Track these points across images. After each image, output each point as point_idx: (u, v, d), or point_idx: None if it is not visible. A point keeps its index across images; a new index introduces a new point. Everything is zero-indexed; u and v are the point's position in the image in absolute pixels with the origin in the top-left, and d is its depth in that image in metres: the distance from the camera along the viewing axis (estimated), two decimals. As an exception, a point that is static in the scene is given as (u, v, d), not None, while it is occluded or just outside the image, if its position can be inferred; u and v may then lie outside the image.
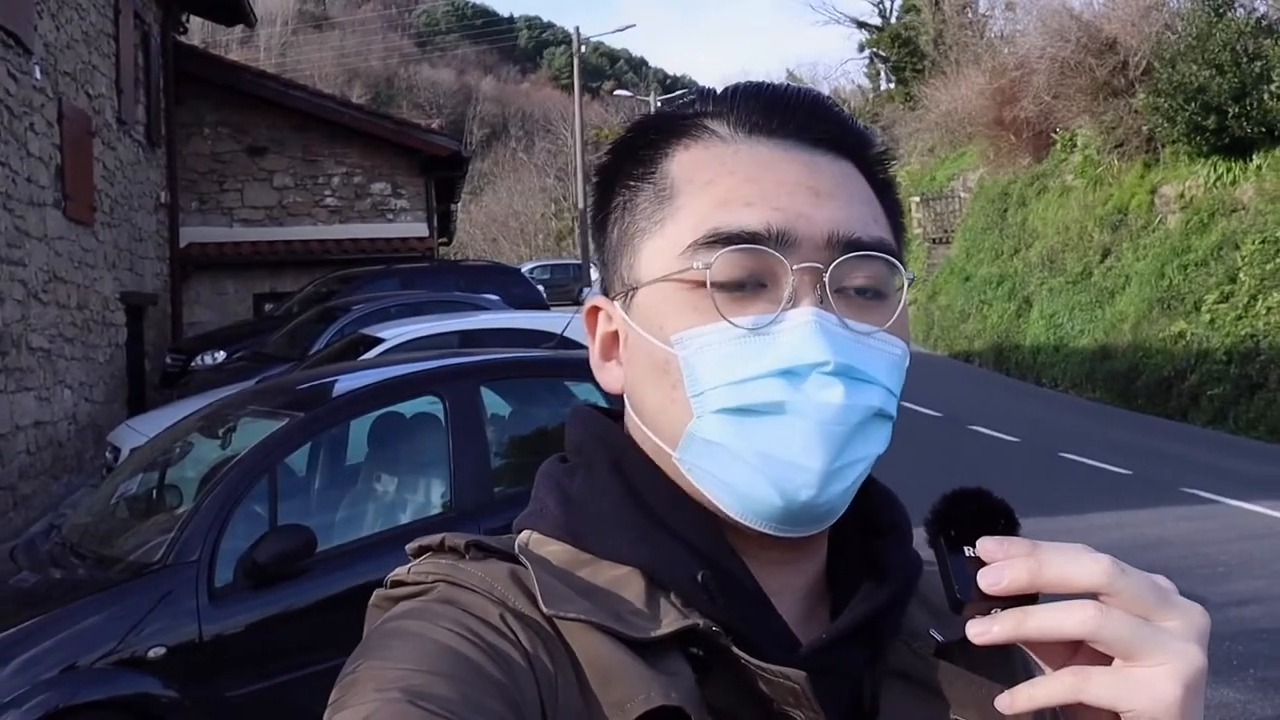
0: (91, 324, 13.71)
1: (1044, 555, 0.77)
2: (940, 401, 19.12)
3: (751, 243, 0.90)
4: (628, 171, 1.00)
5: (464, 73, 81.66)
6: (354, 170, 20.68)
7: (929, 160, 36.80)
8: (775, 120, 0.96)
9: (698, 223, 0.92)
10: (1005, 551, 0.77)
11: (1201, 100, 19.30)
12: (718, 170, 0.94)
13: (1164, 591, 0.77)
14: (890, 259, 0.94)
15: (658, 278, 0.94)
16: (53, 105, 12.37)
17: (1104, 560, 0.76)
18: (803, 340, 0.88)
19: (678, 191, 0.95)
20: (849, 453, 0.89)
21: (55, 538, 5.88)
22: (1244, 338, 17.33)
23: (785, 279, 0.90)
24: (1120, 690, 0.74)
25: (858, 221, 0.93)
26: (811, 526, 0.92)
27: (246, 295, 19.77)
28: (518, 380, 6.64)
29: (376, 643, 0.86)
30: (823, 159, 0.95)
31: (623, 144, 1.02)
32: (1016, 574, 0.76)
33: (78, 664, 4.78)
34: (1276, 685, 6.78)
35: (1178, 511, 11.34)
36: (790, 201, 0.92)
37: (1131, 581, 0.76)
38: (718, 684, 0.87)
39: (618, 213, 1.00)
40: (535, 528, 0.98)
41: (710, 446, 0.90)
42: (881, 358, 0.92)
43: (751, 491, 0.89)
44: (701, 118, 0.99)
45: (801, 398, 0.88)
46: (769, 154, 0.95)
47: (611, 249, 1.01)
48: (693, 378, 0.90)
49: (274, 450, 5.59)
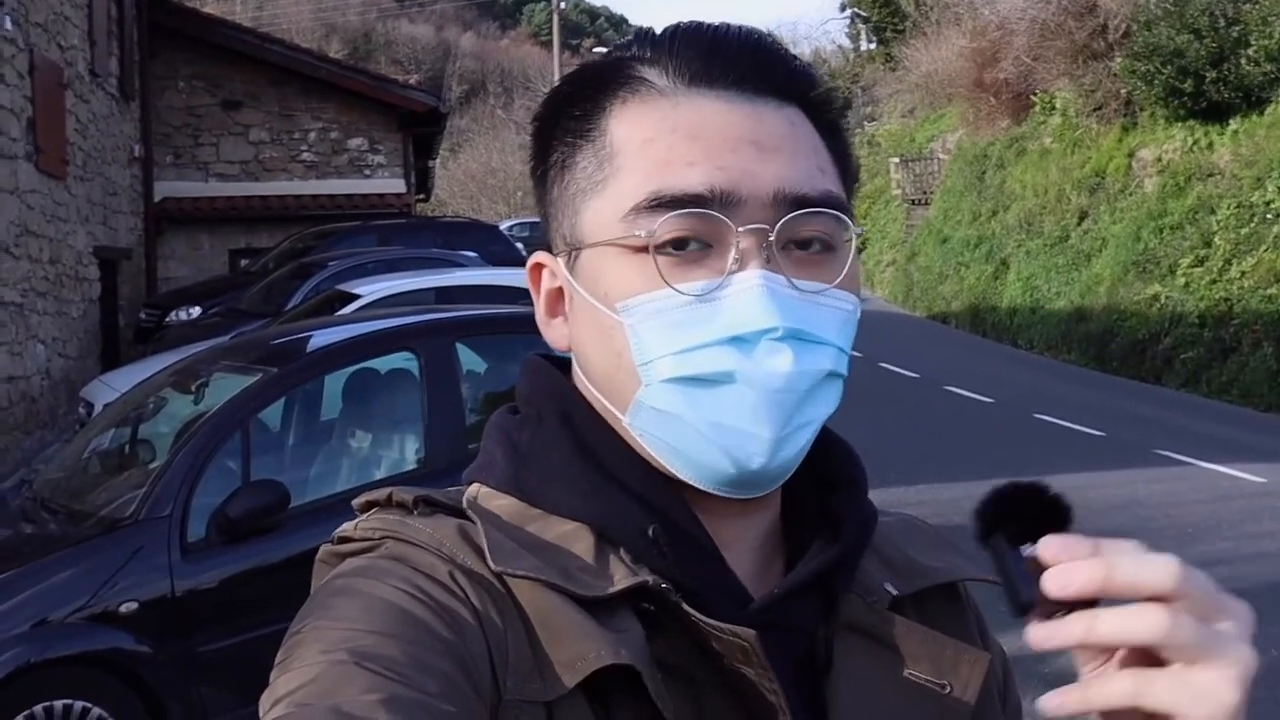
0: (64, 278, 13.60)
1: (1112, 558, 0.73)
2: (917, 362, 19.19)
3: (695, 205, 0.88)
4: (565, 126, 0.97)
5: (443, 28, 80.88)
6: (331, 125, 20.52)
7: (909, 122, 36.74)
8: (716, 69, 0.92)
9: (639, 184, 0.90)
10: (1070, 553, 0.73)
11: (1179, 64, 19.29)
12: (658, 126, 0.91)
13: (1219, 593, 0.75)
14: (838, 215, 0.91)
15: (600, 241, 0.92)
16: (24, 56, 12.21)
17: (1172, 562, 0.73)
18: (750, 305, 0.87)
19: (617, 150, 0.92)
20: (799, 416, 0.88)
21: (26, 493, 5.86)
22: (1218, 301, 17.41)
23: (731, 241, 0.88)
24: (1184, 695, 0.71)
25: (804, 176, 0.91)
26: (764, 488, 0.92)
27: (222, 251, 19.63)
28: (493, 336, 6.62)
29: (323, 601, 0.85)
30: (766, 108, 0.92)
31: (559, 97, 0.99)
32: (1088, 576, 0.72)
33: (49, 619, 4.78)
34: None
35: (1149, 473, 11.42)
36: (734, 159, 0.89)
37: (1196, 584, 0.73)
38: (668, 640, 0.87)
39: (556, 170, 0.97)
40: (484, 481, 0.97)
41: (660, 415, 0.89)
42: (832, 316, 0.91)
43: (702, 459, 0.89)
44: (638, 65, 0.95)
45: (751, 365, 0.86)
46: (710, 106, 0.91)
47: (552, 205, 0.98)
48: (640, 346, 0.89)
49: (247, 405, 5.57)
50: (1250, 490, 10.75)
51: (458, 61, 74.47)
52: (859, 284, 0.95)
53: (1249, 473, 11.38)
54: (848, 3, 47.29)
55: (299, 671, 0.79)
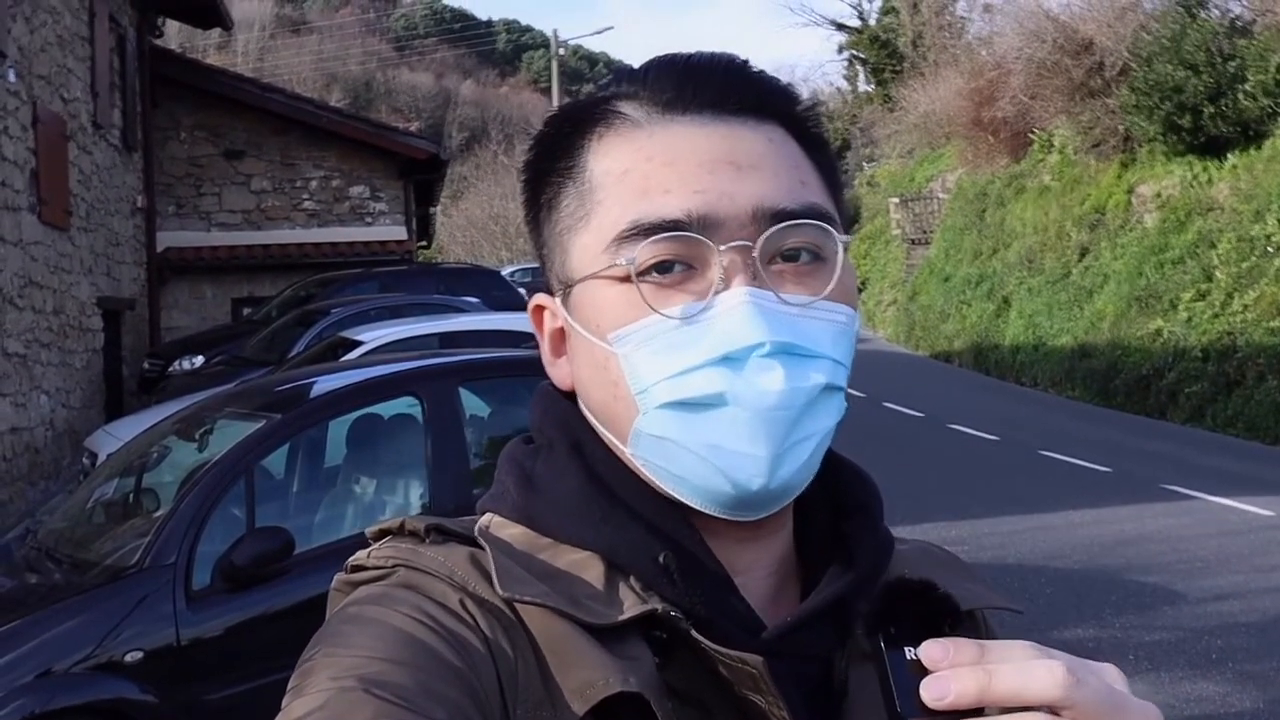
0: (68, 329, 13.63)
1: (995, 665, 0.69)
2: (921, 402, 19.17)
3: (673, 230, 0.88)
4: (549, 167, 0.98)
5: (442, 76, 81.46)
6: (332, 173, 20.61)
7: (907, 161, 36.92)
8: (689, 94, 0.93)
9: (619, 215, 0.90)
10: (951, 658, 0.69)
11: (1177, 100, 19.40)
12: (634, 157, 0.92)
13: (1120, 697, 0.70)
14: (822, 225, 0.91)
15: (587, 275, 0.92)
16: (27, 109, 12.30)
17: (1059, 670, 0.68)
18: (737, 322, 0.86)
19: (596, 185, 0.93)
20: (796, 432, 0.88)
21: (31, 542, 5.84)
22: (1221, 335, 17.40)
23: (713, 261, 0.88)
24: None
25: (784, 191, 0.90)
26: (770, 508, 0.91)
27: (225, 300, 19.67)
28: (497, 380, 6.62)
29: (335, 629, 0.85)
30: (743, 128, 0.92)
31: (542, 139, 1.00)
32: (964, 687, 0.68)
33: (54, 669, 4.75)
34: (1255, 678, 6.81)
35: (1157, 508, 11.38)
36: (711, 181, 0.89)
37: (1088, 692, 0.68)
38: (679, 667, 0.87)
39: (545, 211, 0.98)
40: (497, 510, 0.98)
41: (658, 442, 0.89)
42: (825, 328, 0.90)
43: (704, 483, 0.88)
44: (615, 101, 0.95)
45: (742, 385, 0.86)
46: (685, 131, 0.92)
47: (545, 246, 0.99)
48: (634, 375, 0.89)
49: (251, 452, 5.56)
50: (1259, 523, 10.71)
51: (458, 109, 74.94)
52: (854, 295, 0.95)
53: (1257, 506, 11.33)
54: (845, 45, 47.63)
55: (309, 698, 0.79)
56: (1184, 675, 6.87)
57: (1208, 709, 6.40)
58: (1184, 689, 6.66)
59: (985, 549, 9.73)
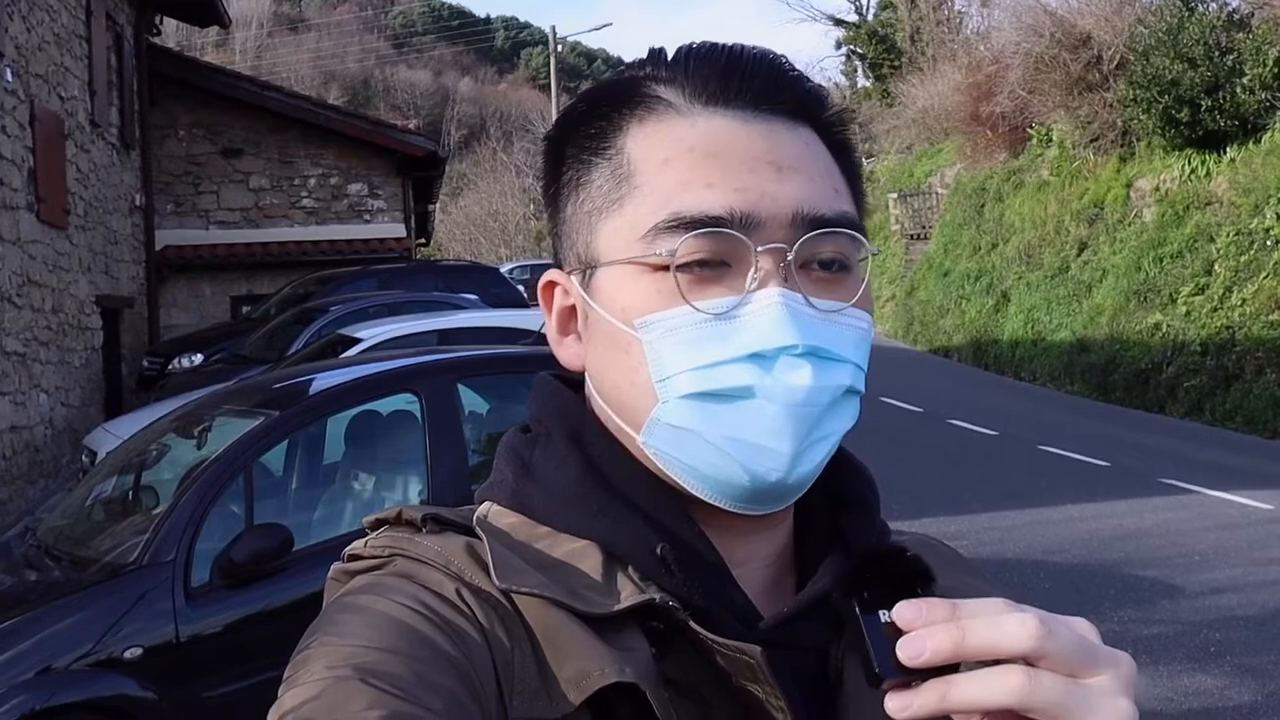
0: (67, 327, 13.63)
1: (967, 621, 0.71)
2: (920, 396, 19.17)
3: (715, 226, 0.88)
4: (579, 144, 0.97)
5: (441, 74, 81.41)
6: (330, 171, 20.60)
7: (906, 157, 36.89)
8: (733, 88, 0.93)
9: (659, 205, 0.90)
10: (925, 617, 0.71)
11: (1175, 94, 19.37)
12: (675, 147, 0.92)
13: (1091, 647, 0.72)
14: (854, 234, 0.92)
15: (619, 259, 0.92)
16: (24, 108, 12.29)
17: (1030, 622, 0.70)
18: (770, 323, 0.87)
19: (634, 170, 0.92)
20: (818, 430, 0.89)
21: (30, 540, 5.84)
22: (1219, 329, 17.40)
23: (750, 260, 0.88)
24: None
25: (821, 197, 0.91)
26: (780, 504, 0.92)
27: (223, 298, 19.67)
28: (495, 377, 6.62)
29: (330, 618, 0.86)
30: (782, 128, 0.93)
31: (573, 115, 0.99)
32: (939, 644, 0.70)
33: (54, 666, 4.75)
34: (1253, 671, 6.82)
35: (1155, 502, 11.39)
36: (752, 180, 0.90)
37: (1060, 642, 0.70)
38: (678, 658, 0.87)
39: (570, 188, 0.98)
40: (495, 499, 0.97)
41: (676, 431, 0.89)
42: (849, 334, 0.91)
43: (718, 475, 0.89)
44: (653, 84, 0.95)
45: (771, 381, 0.87)
46: (727, 126, 0.92)
47: (565, 224, 0.98)
48: (657, 362, 0.89)
49: (250, 449, 5.56)
50: (1257, 517, 10.72)
51: (456, 106, 74.86)
52: (872, 303, 0.96)
53: (1256, 500, 11.33)
54: (843, 40, 47.60)
55: (304, 687, 0.79)
56: (1182, 668, 6.88)
57: (1206, 702, 6.41)
58: (1182, 682, 6.67)
59: (984, 544, 9.73)
